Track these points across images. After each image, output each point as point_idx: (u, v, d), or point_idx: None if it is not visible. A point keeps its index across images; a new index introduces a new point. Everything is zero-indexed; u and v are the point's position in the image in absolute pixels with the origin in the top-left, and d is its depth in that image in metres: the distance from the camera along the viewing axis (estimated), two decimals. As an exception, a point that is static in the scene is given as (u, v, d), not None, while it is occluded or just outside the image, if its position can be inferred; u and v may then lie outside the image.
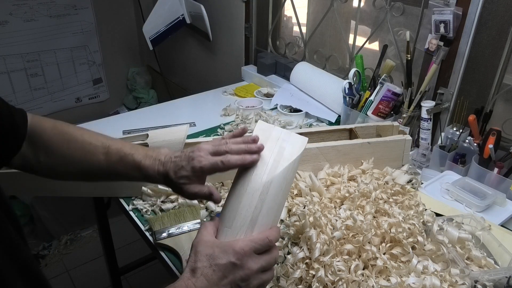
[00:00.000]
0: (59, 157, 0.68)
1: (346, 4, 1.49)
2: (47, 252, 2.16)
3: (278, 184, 0.61)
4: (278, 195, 0.61)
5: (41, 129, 0.68)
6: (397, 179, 0.99)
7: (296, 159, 0.63)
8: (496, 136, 1.02)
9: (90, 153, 0.69)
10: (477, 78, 1.11)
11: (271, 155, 0.63)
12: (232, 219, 0.59)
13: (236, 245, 0.55)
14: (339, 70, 1.57)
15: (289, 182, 0.64)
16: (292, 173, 0.64)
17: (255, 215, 0.59)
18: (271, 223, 0.60)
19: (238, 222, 0.59)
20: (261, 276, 0.57)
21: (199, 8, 1.88)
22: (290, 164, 0.62)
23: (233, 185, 0.63)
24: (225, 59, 2.07)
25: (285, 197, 0.64)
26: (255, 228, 0.59)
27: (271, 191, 0.60)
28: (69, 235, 2.26)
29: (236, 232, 0.58)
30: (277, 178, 0.61)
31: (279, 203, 0.62)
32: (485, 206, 0.96)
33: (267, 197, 0.60)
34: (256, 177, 0.61)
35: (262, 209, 0.59)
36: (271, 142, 0.65)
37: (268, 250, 0.58)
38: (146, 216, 0.94)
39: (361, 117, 1.24)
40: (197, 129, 1.35)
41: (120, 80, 2.84)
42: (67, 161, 0.69)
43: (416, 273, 0.72)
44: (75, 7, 2.43)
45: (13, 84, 2.38)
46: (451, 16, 1.07)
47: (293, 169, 0.64)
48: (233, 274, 0.54)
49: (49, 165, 0.68)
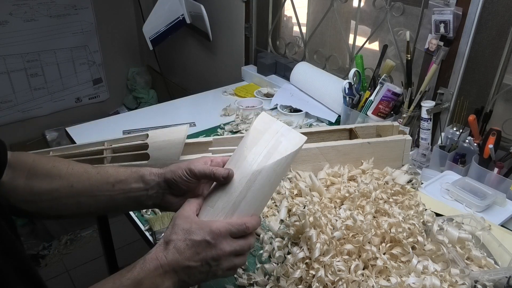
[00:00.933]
0: (42, 175, 0.66)
1: (346, 4, 1.49)
2: (47, 252, 2.16)
3: (267, 176, 0.62)
4: (265, 186, 0.62)
5: (24, 154, 0.67)
6: (397, 179, 0.99)
7: (289, 155, 0.64)
8: (496, 136, 1.02)
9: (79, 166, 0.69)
10: (477, 78, 1.11)
11: (266, 147, 0.64)
12: (215, 200, 0.61)
13: (213, 225, 0.57)
14: (339, 70, 1.57)
15: (279, 176, 0.64)
16: (283, 169, 0.65)
17: (238, 200, 0.60)
18: (253, 212, 0.61)
19: (221, 204, 0.60)
20: (233, 259, 0.58)
21: (199, 8, 1.88)
22: (282, 158, 0.63)
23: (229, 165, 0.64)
24: (225, 59, 2.07)
25: (272, 191, 0.65)
26: (236, 213, 0.60)
27: (259, 181, 0.61)
28: (69, 235, 2.26)
29: (217, 213, 0.60)
30: (267, 169, 0.62)
31: (265, 195, 0.63)
32: (485, 206, 0.96)
33: (253, 186, 0.61)
34: (247, 165, 0.62)
35: (247, 196, 0.60)
36: (269, 134, 0.66)
37: (244, 236, 0.59)
38: (146, 216, 0.94)
39: (361, 117, 1.24)
40: (197, 129, 1.35)
41: (120, 80, 2.84)
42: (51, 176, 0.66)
43: (416, 273, 0.72)
44: (75, 7, 2.43)
45: (13, 84, 2.38)
46: (451, 16, 1.07)
47: (285, 165, 0.64)
48: (205, 252, 0.56)
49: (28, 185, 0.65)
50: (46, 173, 0.66)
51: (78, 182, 0.66)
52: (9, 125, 2.45)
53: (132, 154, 0.95)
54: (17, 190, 0.64)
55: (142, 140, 0.95)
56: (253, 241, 0.61)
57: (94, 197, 0.67)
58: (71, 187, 0.66)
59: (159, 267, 0.54)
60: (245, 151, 0.64)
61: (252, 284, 0.76)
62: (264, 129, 0.67)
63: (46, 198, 0.65)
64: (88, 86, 2.68)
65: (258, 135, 0.66)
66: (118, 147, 0.96)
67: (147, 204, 0.68)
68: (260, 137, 0.65)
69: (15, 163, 0.64)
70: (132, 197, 0.67)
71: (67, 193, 0.66)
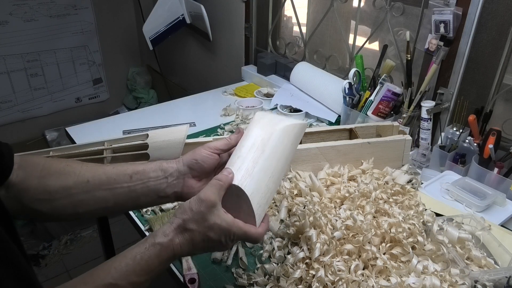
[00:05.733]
0: (56, 173, 0.65)
1: (346, 4, 1.49)
2: (47, 252, 2.16)
3: (279, 136, 0.66)
4: (279, 146, 0.65)
5: (36, 157, 0.67)
6: (397, 179, 0.99)
7: (297, 125, 0.69)
8: (496, 136, 1.02)
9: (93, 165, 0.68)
10: (477, 78, 1.11)
11: (272, 121, 0.69)
12: (235, 158, 0.63)
13: (232, 229, 0.58)
14: (339, 70, 1.57)
15: (290, 143, 0.68)
16: (293, 137, 0.69)
17: (256, 155, 0.63)
18: (271, 172, 0.63)
19: (240, 160, 0.63)
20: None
21: (199, 8, 1.88)
22: (291, 125, 0.68)
23: (238, 143, 0.67)
24: (225, 59, 2.07)
25: (287, 158, 0.68)
26: (256, 166, 0.62)
27: (273, 140, 0.65)
28: (69, 235, 2.26)
29: (237, 167, 0.62)
30: (278, 131, 0.66)
31: (280, 155, 0.66)
32: (485, 206, 0.96)
33: (269, 143, 0.65)
34: (259, 129, 0.67)
35: (264, 152, 0.64)
36: (272, 116, 0.71)
37: None
38: (146, 216, 0.94)
39: (361, 117, 1.24)
40: (197, 129, 1.35)
41: (120, 80, 2.84)
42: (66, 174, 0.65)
43: (416, 273, 0.72)
44: (75, 7, 2.43)
45: (13, 84, 2.38)
46: (451, 16, 1.07)
47: (294, 133, 0.69)
48: (214, 245, 0.60)
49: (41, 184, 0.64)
50: (59, 171, 0.64)
51: (94, 177, 0.65)
52: (9, 125, 2.45)
53: (132, 154, 0.95)
54: (30, 190, 0.62)
55: (142, 140, 0.95)
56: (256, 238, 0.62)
57: (112, 190, 0.65)
58: (87, 182, 0.64)
59: (172, 256, 0.57)
60: (254, 124, 0.68)
61: (252, 284, 0.76)
62: (267, 114, 0.72)
63: (61, 195, 0.63)
64: (88, 86, 2.68)
65: (262, 116, 0.71)
66: (118, 147, 0.96)
67: (168, 193, 0.67)
68: (264, 116, 0.70)
69: (26, 164, 0.63)
70: (151, 187, 0.66)
71: (83, 189, 0.64)
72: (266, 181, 0.62)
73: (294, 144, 0.70)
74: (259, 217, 0.61)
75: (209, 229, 0.57)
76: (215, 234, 0.57)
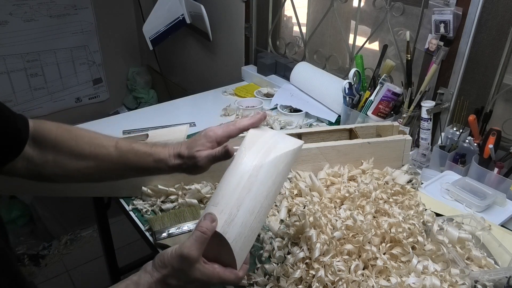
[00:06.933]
0: (67, 153, 0.69)
1: (346, 4, 1.49)
2: (47, 252, 2.16)
3: (268, 171, 0.62)
4: (267, 182, 0.62)
5: (46, 128, 0.69)
6: (397, 179, 0.99)
7: (289, 152, 0.65)
8: (496, 136, 1.02)
9: (100, 146, 0.70)
10: (477, 78, 1.11)
11: (264, 147, 0.65)
12: (220, 198, 0.61)
13: (213, 280, 0.58)
14: (339, 70, 1.57)
15: (280, 175, 0.65)
16: (284, 167, 0.65)
17: (242, 195, 0.60)
18: (258, 208, 0.61)
19: (225, 200, 0.60)
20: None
21: (199, 8, 1.88)
22: (282, 154, 0.64)
23: (225, 172, 0.64)
24: (225, 59, 2.07)
25: (274, 189, 0.64)
26: (241, 208, 0.59)
27: (261, 176, 0.62)
28: (69, 235, 2.26)
29: (221, 210, 0.59)
30: (268, 164, 0.63)
31: (268, 192, 0.62)
32: (485, 206, 0.96)
33: (257, 180, 0.61)
34: (248, 161, 0.63)
35: (250, 191, 0.60)
36: (266, 137, 0.67)
37: None
38: (146, 216, 0.94)
39: (361, 117, 1.24)
40: (197, 129, 1.35)
41: (120, 80, 2.84)
42: (76, 156, 0.69)
43: (416, 273, 0.72)
44: (75, 7, 2.43)
45: (13, 84, 2.38)
46: (451, 16, 1.07)
47: (285, 163, 0.65)
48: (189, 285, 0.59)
49: (57, 163, 0.68)
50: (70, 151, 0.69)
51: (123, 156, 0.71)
52: (9, 125, 2.45)
53: (132, 154, 0.95)
54: (48, 165, 0.68)
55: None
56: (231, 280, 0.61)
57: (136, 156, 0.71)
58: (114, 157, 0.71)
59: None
60: (244, 151, 0.65)
61: (252, 284, 0.76)
62: (260, 134, 0.68)
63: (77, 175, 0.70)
64: (88, 86, 2.68)
65: (255, 138, 0.67)
66: (118, 147, 0.96)
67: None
68: (257, 139, 0.67)
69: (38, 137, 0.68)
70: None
71: (112, 161, 0.71)
72: (250, 222, 0.60)
73: (285, 174, 0.67)
74: (240, 261, 0.60)
75: (189, 283, 0.58)
76: (195, 287, 0.59)
